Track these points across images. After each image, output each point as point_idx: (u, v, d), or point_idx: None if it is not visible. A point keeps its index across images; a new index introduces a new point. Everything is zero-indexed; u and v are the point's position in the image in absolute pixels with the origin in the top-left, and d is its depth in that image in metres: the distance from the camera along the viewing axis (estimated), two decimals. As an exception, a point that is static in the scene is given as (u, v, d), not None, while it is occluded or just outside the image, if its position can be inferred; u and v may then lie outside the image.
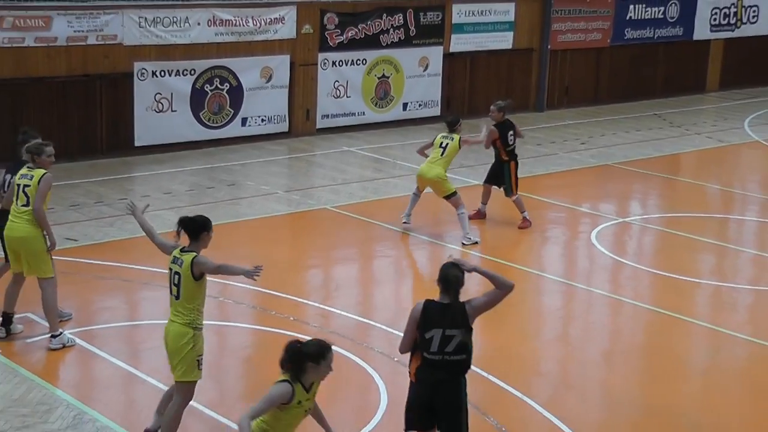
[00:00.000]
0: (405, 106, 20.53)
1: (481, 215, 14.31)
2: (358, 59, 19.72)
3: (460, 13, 20.98)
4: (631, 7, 23.74)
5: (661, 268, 12.64)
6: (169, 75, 17.43)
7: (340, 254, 13.07)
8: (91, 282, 11.47)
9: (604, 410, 9.03)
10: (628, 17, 23.74)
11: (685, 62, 25.22)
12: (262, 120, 18.73)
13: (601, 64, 23.67)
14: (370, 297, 11.93)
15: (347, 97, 19.75)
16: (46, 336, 9.62)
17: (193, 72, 17.66)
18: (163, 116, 17.48)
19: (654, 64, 24.59)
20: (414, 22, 20.30)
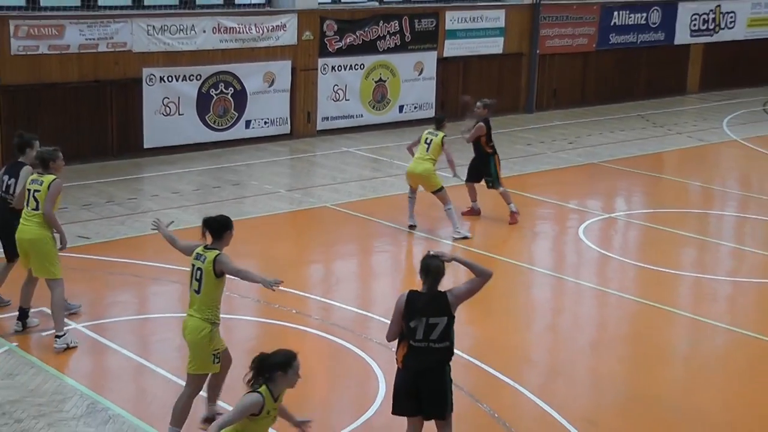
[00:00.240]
0: (401, 108, 20.51)
1: (475, 212, 14.30)
2: (356, 64, 19.70)
3: (453, 20, 20.97)
4: (616, 13, 23.74)
5: (645, 261, 12.65)
6: (177, 80, 17.40)
7: (339, 250, 13.06)
8: (103, 278, 11.45)
9: (592, 396, 9.04)
10: (613, 23, 23.74)
11: (667, 66, 25.22)
12: (265, 122, 18.71)
13: (588, 68, 23.67)
14: (369, 290, 11.93)
15: (346, 100, 19.73)
16: (53, 332, 9.58)
17: (199, 77, 17.64)
18: (170, 119, 17.46)
19: (637, 68, 24.60)
20: (409, 28, 20.28)
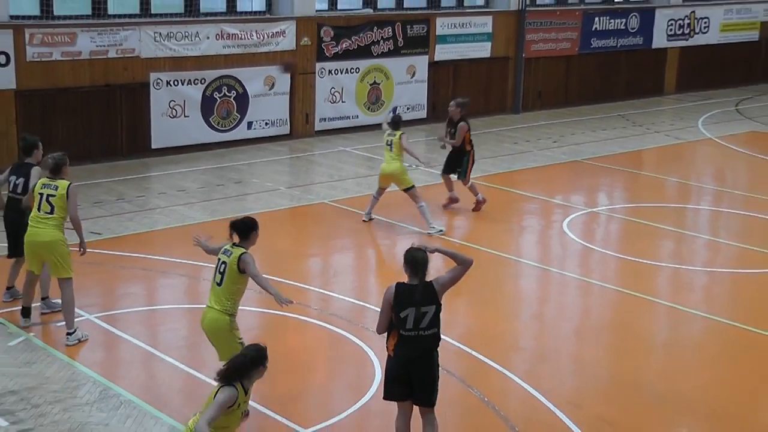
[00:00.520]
0: (395, 109, 20.44)
1: (453, 200, 14.26)
2: (352, 68, 19.65)
3: (443, 26, 20.92)
4: (597, 19, 23.72)
5: (626, 253, 12.65)
6: (182, 84, 17.34)
7: (337, 244, 13.03)
8: (114, 271, 11.42)
9: (576, 381, 9.03)
10: (594, 28, 23.71)
11: (645, 68, 25.20)
12: (266, 123, 18.66)
13: (571, 71, 23.64)
14: (365, 282, 11.92)
15: (342, 102, 19.68)
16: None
17: (203, 81, 17.58)
18: (176, 121, 17.41)
19: (617, 70, 24.57)
20: (402, 34, 20.23)
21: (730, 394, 8.80)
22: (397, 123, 13.48)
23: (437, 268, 9.39)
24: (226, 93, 17.94)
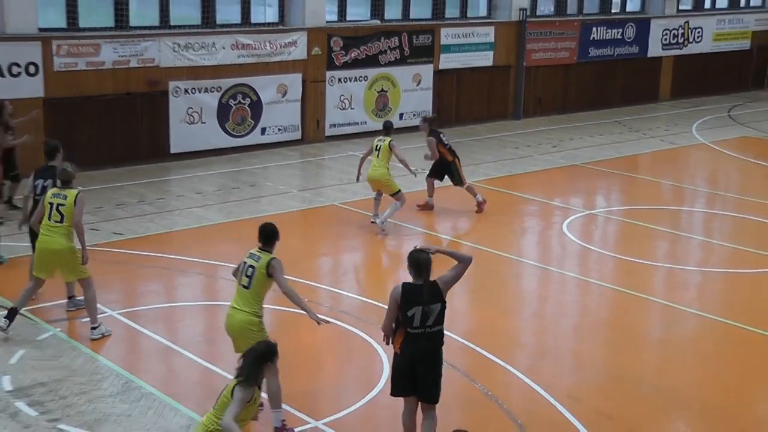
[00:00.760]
0: (401, 116, 20.44)
1: (428, 207, 14.18)
2: (360, 76, 19.66)
3: (447, 36, 20.92)
4: (594, 29, 23.68)
5: (623, 254, 12.63)
6: (199, 92, 17.38)
7: (346, 244, 13.04)
8: (135, 270, 11.45)
9: (575, 375, 9.03)
10: (592, 38, 23.68)
11: (641, 76, 25.15)
12: (279, 129, 18.69)
13: (569, 78, 23.60)
14: (373, 280, 11.92)
15: (351, 109, 19.70)
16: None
17: (219, 89, 17.62)
18: (194, 127, 17.44)
19: (614, 78, 24.52)
20: (408, 43, 20.24)
21: (723, 389, 8.79)
22: (388, 129, 13.39)
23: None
24: (241, 100, 17.97)
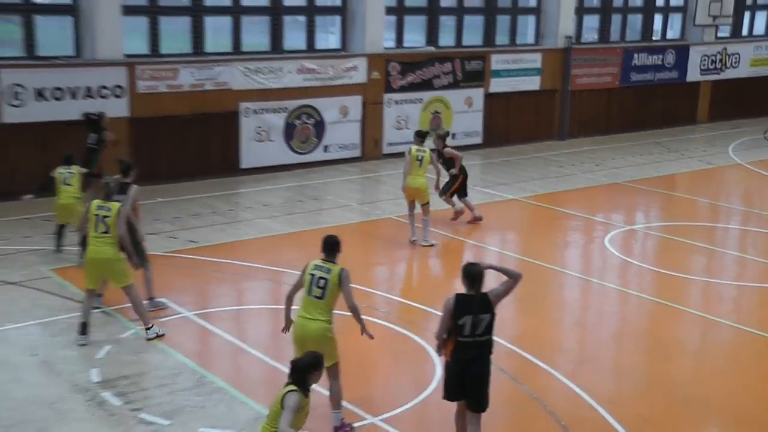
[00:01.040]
0: (453, 135, 20.48)
1: (477, 219, 14.17)
2: (416, 99, 19.78)
3: (497, 62, 20.93)
4: (636, 55, 23.46)
5: (661, 267, 12.49)
6: (267, 112, 17.67)
7: (401, 254, 13.11)
8: (208, 275, 11.67)
9: (614, 381, 8.96)
10: (633, 64, 23.46)
11: (680, 99, 24.82)
12: (340, 147, 18.88)
13: (612, 102, 23.40)
14: (426, 288, 11.97)
15: (407, 129, 19.79)
16: (169, 319, 9.86)
17: (285, 110, 17.88)
18: (262, 145, 17.73)
19: (654, 101, 24.23)
20: (461, 68, 20.30)
21: (756, 401, 8.64)
22: (424, 136, 13.29)
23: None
24: (306, 120, 18.21)
